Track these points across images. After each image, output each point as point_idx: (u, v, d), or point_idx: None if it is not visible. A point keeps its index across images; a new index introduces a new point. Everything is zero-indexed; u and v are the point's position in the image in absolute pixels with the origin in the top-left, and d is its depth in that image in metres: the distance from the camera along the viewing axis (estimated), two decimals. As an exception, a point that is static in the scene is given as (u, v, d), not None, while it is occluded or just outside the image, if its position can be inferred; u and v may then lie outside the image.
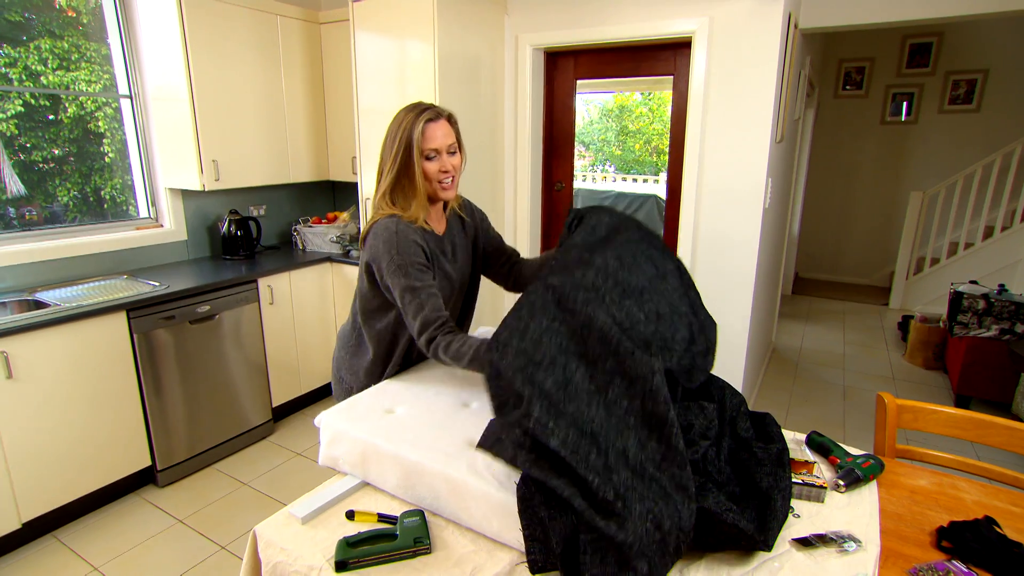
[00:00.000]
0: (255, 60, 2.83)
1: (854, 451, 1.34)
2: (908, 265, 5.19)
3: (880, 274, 5.98)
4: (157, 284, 2.47)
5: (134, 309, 2.25)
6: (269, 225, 3.36)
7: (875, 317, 5.04)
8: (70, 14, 2.54)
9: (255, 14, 2.79)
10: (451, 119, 1.34)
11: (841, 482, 1.23)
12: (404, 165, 1.29)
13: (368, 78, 2.70)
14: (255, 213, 3.27)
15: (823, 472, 1.30)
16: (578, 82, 3.00)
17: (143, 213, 2.89)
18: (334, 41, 3.09)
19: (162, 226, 2.90)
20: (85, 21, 2.60)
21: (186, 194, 2.94)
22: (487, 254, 1.57)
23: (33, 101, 2.49)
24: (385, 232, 1.28)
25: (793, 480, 1.22)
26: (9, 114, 2.42)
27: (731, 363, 2.66)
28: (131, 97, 2.75)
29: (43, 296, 2.31)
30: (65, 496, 2.17)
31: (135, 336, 2.27)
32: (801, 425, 3.12)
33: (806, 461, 1.32)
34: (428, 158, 1.30)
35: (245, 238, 3.02)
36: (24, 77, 2.44)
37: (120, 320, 2.22)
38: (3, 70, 2.37)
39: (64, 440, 2.13)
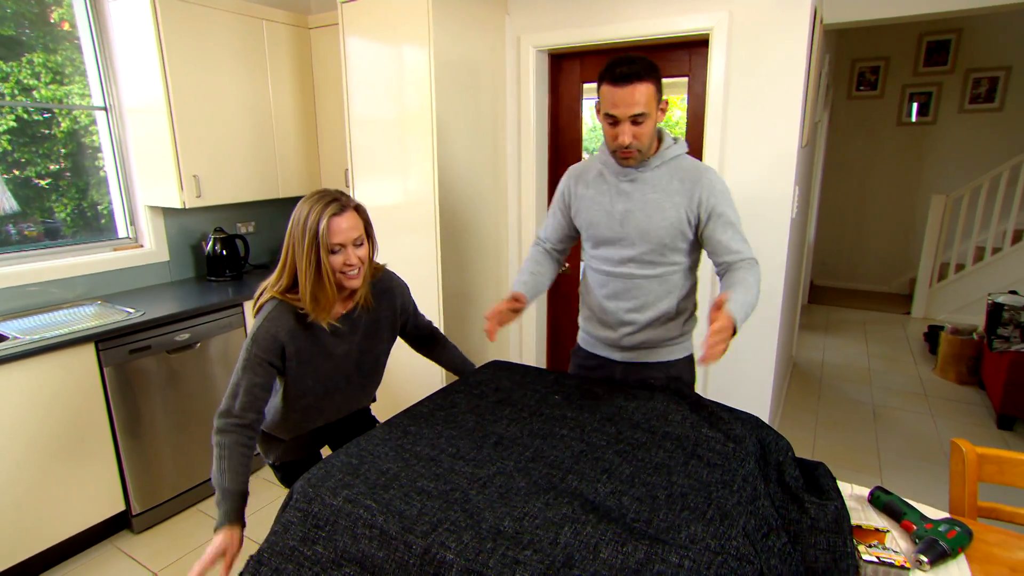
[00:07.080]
0: (240, 68, 2.65)
1: (930, 512, 1.12)
2: (931, 271, 4.96)
3: (900, 281, 5.75)
4: (132, 311, 2.27)
5: (103, 340, 2.06)
6: (259, 242, 3.17)
7: (898, 327, 4.81)
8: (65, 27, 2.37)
9: (239, 19, 2.61)
10: (359, 209, 1.35)
11: (924, 557, 1.00)
12: (314, 261, 1.29)
13: (360, 84, 2.51)
14: (243, 230, 3.08)
15: (899, 543, 1.08)
16: (584, 86, 2.81)
17: (121, 232, 2.71)
18: (325, 47, 2.91)
19: (142, 246, 2.71)
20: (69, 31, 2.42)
21: (168, 212, 2.75)
22: (413, 335, 1.68)
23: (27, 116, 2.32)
24: (260, 318, 1.33)
25: (863, 556, 1.00)
26: (1, 130, 2.25)
27: (758, 390, 2.44)
28: (106, 109, 2.57)
29: (3, 328, 2.12)
30: (26, 550, 1.96)
31: (104, 370, 2.07)
32: (832, 452, 2.89)
33: (876, 529, 1.10)
34: (333, 252, 1.30)
35: (231, 257, 2.83)
36: (16, 92, 2.29)
37: (88, 353, 2.03)
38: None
39: (27, 488, 1.93)
